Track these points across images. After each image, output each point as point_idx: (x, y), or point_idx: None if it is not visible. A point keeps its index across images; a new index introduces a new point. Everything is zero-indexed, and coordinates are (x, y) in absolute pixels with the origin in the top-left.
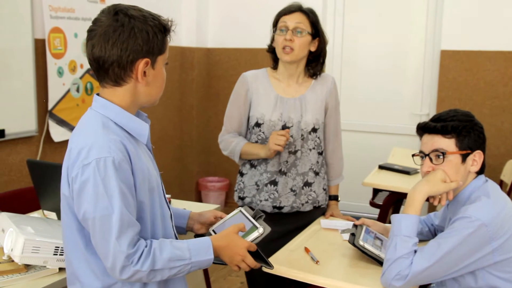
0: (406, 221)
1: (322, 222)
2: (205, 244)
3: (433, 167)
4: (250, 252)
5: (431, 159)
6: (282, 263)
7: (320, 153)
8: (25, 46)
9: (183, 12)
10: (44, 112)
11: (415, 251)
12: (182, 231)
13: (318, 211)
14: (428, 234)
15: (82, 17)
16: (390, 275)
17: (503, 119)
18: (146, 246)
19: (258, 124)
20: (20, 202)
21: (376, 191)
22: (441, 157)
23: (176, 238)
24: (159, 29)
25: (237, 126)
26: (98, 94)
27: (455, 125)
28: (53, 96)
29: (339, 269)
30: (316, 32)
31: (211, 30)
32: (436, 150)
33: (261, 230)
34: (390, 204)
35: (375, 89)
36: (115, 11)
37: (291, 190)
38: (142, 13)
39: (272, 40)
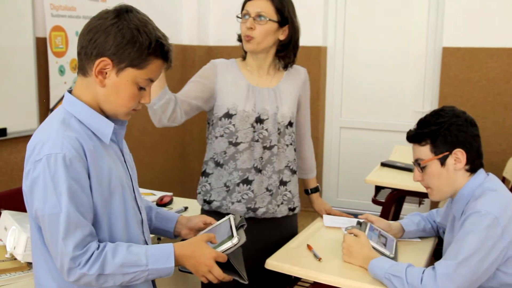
0: (377, 264)
1: (325, 219)
2: (166, 251)
3: (421, 176)
4: (223, 264)
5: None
6: (284, 261)
7: (295, 150)
8: (26, 45)
9: (184, 10)
10: (45, 110)
11: (407, 266)
12: (170, 235)
13: (293, 218)
14: (431, 231)
15: (83, 16)
16: None
17: (505, 116)
18: (98, 249)
19: (228, 115)
20: (22, 201)
21: (378, 189)
22: (420, 166)
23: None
24: (141, 42)
25: (182, 99)
26: (70, 92)
27: (425, 132)
28: (55, 95)
29: (342, 266)
30: (284, 19)
31: (212, 28)
32: (415, 161)
33: (235, 240)
34: (392, 201)
35: (377, 86)
36: (120, 9)
37: (267, 189)
38: (140, 22)
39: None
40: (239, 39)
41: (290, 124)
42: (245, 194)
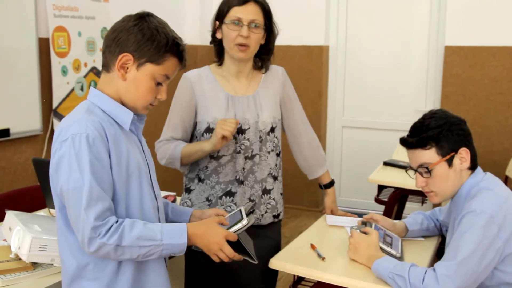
0: (382, 263)
1: (328, 218)
2: (180, 229)
3: (425, 181)
4: (234, 245)
5: (421, 173)
6: (288, 260)
7: (278, 154)
8: (29, 45)
9: (186, 9)
10: (48, 111)
11: (410, 265)
12: None
13: (278, 224)
14: (434, 229)
15: (85, 16)
16: None
17: (508, 114)
18: (116, 222)
19: (209, 130)
20: (26, 201)
21: (381, 188)
22: (428, 171)
23: None
24: (159, 40)
25: (181, 135)
26: (93, 87)
27: (429, 135)
28: (58, 95)
29: (345, 265)
30: (270, 23)
31: None
32: (421, 166)
33: (245, 221)
34: (395, 200)
35: (379, 85)
36: (142, 13)
37: (250, 200)
38: (159, 24)
39: (215, 31)
40: (214, 42)
41: (272, 129)
42: (228, 207)
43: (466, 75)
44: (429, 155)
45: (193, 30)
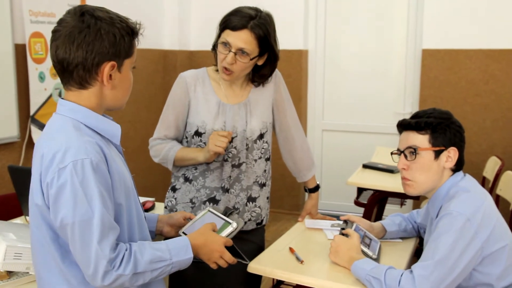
0: (360, 265)
1: (307, 222)
2: (184, 243)
3: (407, 165)
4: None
5: (406, 156)
6: (267, 264)
7: (268, 159)
8: (5, 51)
9: (165, 15)
10: (26, 117)
11: (387, 268)
12: (152, 235)
13: (260, 230)
14: (412, 231)
15: None
16: None
17: (485, 116)
18: (126, 250)
19: (198, 133)
20: (2, 209)
21: (360, 190)
22: (414, 153)
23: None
24: (126, 31)
25: (174, 133)
26: (62, 98)
27: (429, 122)
28: (35, 101)
29: (324, 268)
30: (265, 47)
31: (194, 32)
32: (409, 147)
33: (234, 225)
34: (374, 203)
35: (358, 89)
36: (81, 12)
37: (234, 208)
38: (109, 14)
39: (217, 39)
40: (214, 49)
41: (261, 136)
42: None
43: (443, 77)
44: (421, 140)
45: (172, 36)
